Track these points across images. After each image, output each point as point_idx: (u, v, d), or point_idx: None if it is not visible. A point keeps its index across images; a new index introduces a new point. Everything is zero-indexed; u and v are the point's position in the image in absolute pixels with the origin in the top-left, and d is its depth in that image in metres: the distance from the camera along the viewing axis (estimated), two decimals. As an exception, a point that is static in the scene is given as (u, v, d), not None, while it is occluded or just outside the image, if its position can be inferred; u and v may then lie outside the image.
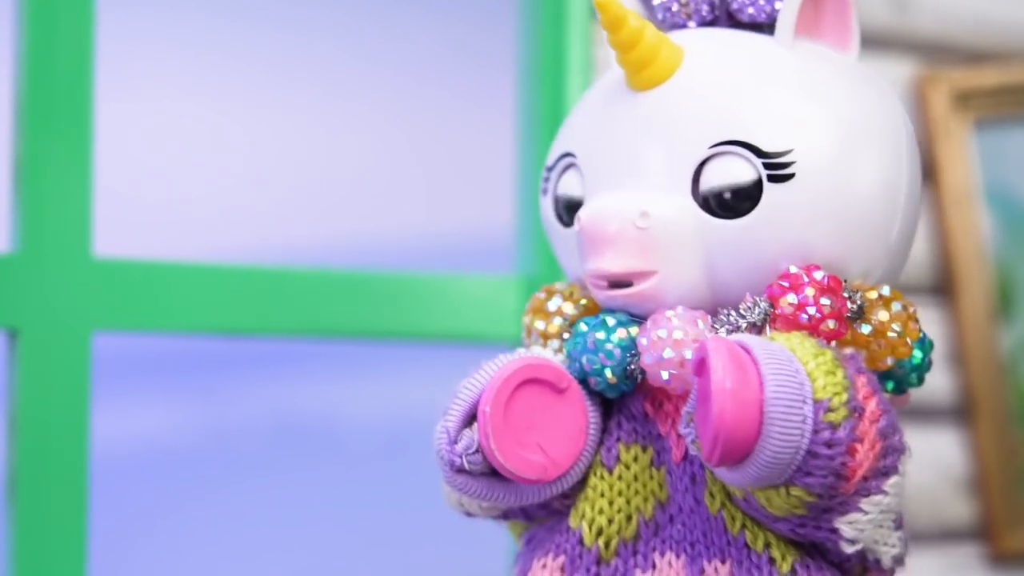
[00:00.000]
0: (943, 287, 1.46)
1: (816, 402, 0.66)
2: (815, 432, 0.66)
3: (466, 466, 0.71)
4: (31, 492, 1.07)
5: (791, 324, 0.70)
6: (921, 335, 0.73)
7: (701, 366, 0.66)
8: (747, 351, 0.67)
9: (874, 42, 1.43)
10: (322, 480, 1.28)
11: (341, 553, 1.29)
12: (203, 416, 1.26)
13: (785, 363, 0.66)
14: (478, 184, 1.34)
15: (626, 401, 0.74)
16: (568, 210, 0.75)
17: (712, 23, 0.77)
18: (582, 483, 0.74)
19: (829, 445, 0.66)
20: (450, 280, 1.24)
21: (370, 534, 1.29)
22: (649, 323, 0.71)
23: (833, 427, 0.66)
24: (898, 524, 0.71)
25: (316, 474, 1.28)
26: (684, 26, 0.77)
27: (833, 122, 0.71)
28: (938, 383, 1.44)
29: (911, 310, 0.72)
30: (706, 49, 0.73)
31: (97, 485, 1.11)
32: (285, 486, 1.27)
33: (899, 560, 0.72)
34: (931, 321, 1.44)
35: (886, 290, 0.72)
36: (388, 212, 1.32)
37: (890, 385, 0.73)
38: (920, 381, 0.74)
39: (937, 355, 1.44)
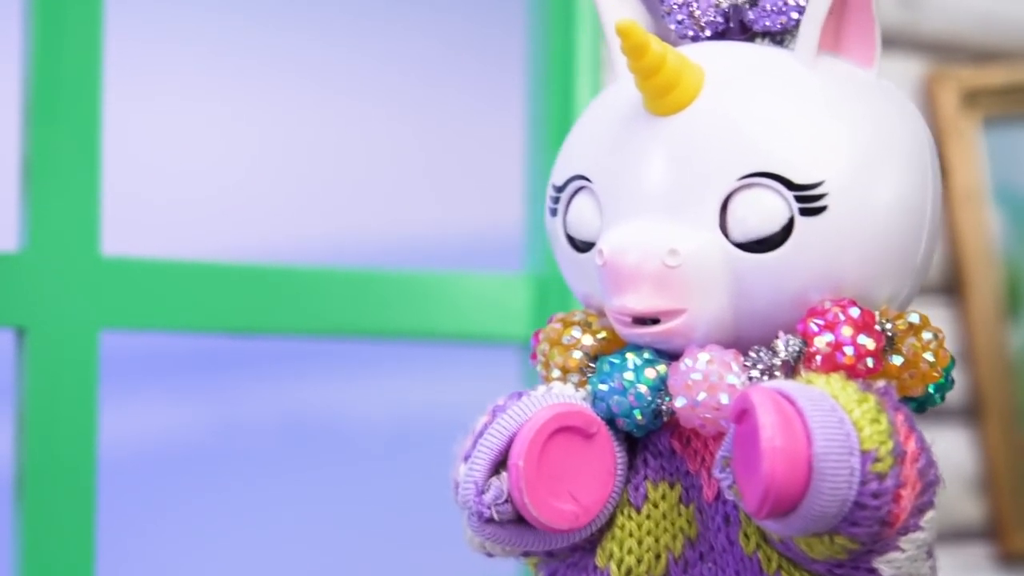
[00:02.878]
0: (952, 286, 1.46)
1: (863, 453, 0.65)
2: (862, 484, 0.65)
3: (495, 517, 0.70)
4: (39, 491, 1.08)
5: (828, 364, 0.68)
6: (951, 360, 0.72)
7: (742, 415, 0.65)
8: (791, 402, 0.65)
9: (882, 41, 1.43)
10: (328, 479, 1.28)
11: (347, 551, 1.29)
12: (209, 414, 1.25)
13: (829, 412, 0.65)
14: (487, 182, 1.33)
15: (652, 438, 0.72)
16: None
17: (724, 33, 0.75)
18: (609, 522, 0.72)
19: (876, 496, 0.65)
20: (458, 279, 1.24)
21: (376, 533, 1.29)
22: (681, 365, 0.69)
23: (880, 478, 0.65)
24: (930, 553, 0.71)
25: (322, 473, 1.28)
26: (697, 38, 0.75)
27: (861, 148, 0.70)
28: (947, 382, 1.44)
29: (940, 336, 0.71)
30: (727, 70, 0.71)
31: (104, 483, 1.11)
32: (291, 484, 1.27)
33: None
34: (940, 320, 1.41)
35: (915, 317, 0.71)
36: (396, 210, 1.32)
37: (912, 405, 0.72)
38: (942, 399, 0.73)
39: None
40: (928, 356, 0.70)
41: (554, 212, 0.75)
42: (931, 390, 0.72)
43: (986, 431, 1.45)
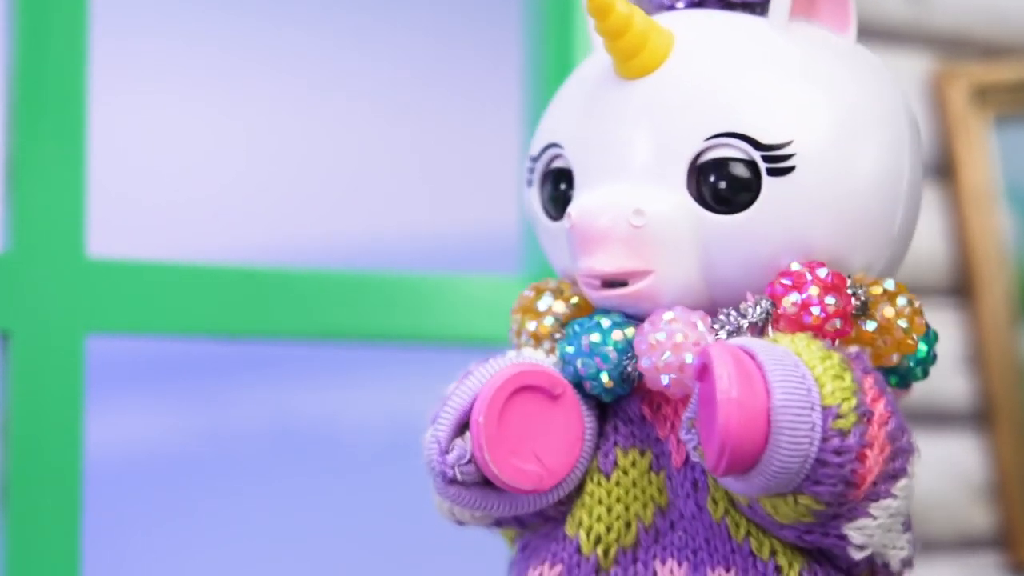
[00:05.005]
0: (961, 288, 1.45)
1: (824, 409, 0.65)
2: (824, 440, 0.65)
3: (458, 477, 0.70)
4: (23, 499, 1.07)
5: (795, 324, 0.69)
6: (927, 329, 0.73)
7: (703, 372, 0.66)
8: (751, 356, 0.66)
9: (890, 36, 1.43)
10: (322, 487, 1.28)
11: (341, 561, 1.29)
12: (199, 421, 1.25)
13: (791, 368, 0.66)
14: (483, 183, 1.34)
15: (622, 404, 0.73)
16: (554, 203, 0.75)
17: (700, 3, 0.76)
18: (578, 489, 0.73)
19: (838, 453, 0.66)
20: (454, 281, 1.24)
21: (371, 542, 1.29)
22: (646, 325, 0.70)
23: (843, 434, 0.66)
24: (907, 526, 0.71)
25: (315, 481, 1.28)
26: (672, 7, 0.76)
27: (833, 110, 0.71)
28: (956, 387, 1.44)
29: (916, 304, 0.72)
30: (697, 34, 0.73)
31: (90, 491, 1.10)
32: (284, 493, 1.27)
33: (908, 563, 0.72)
34: (949, 323, 1.44)
35: (890, 284, 0.72)
36: (390, 212, 1.32)
37: (893, 380, 0.73)
38: (925, 374, 0.73)
39: (955, 358, 1.44)
40: (902, 323, 0.71)
41: (530, 183, 0.76)
42: (911, 363, 0.73)
43: (996, 437, 1.44)
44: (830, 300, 0.69)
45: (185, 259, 1.17)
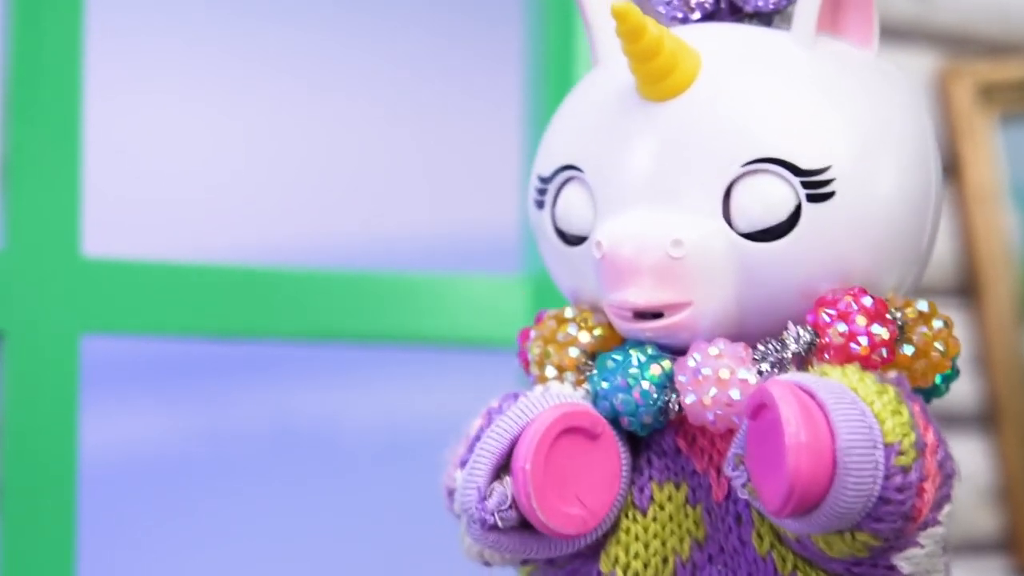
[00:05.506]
0: (967, 289, 1.45)
1: (887, 446, 0.64)
2: (887, 478, 0.64)
3: (498, 523, 0.69)
4: (18, 501, 1.07)
5: (841, 355, 0.68)
6: (959, 348, 0.72)
7: (760, 409, 0.64)
8: (811, 395, 0.65)
9: (895, 34, 1.43)
10: (320, 489, 1.28)
11: (340, 564, 1.28)
12: (196, 422, 1.25)
13: (851, 405, 0.65)
14: (483, 182, 1.33)
15: (655, 437, 0.72)
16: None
17: (713, 15, 0.75)
18: (613, 525, 0.72)
19: (901, 490, 0.65)
20: (454, 281, 1.23)
21: (370, 545, 1.29)
22: (689, 360, 0.69)
23: (904, 471, 0.65)
24: (945, 549, 0.71)
25: (314, 483, 1.28)
26: (686, 20, 0.75)
27: (866, 131, 0.70)
28: (961, 389, 1.44)
29: (950, 324, 0.71)
30: (724, 53, 0.71)
31: (86, 494, 1.10)
32: (282, 495, 1.26)
33: None
34: (954, 324, 1.43)
35: (924, 305, 0.71)
36: (390, 211, 1.32)
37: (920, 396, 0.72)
38: (948, 389, 0.73)
39: (961, 360, 1.43)
40: (939, 345, 0.70)
41: (540, 204, 0.74)
42: (938, 380, 0.72)
43: (1002, 439, 1.44)
44: (876, 329, 0.68)
45: (182, 258, 1.17)
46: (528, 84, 1.29)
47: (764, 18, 0.74)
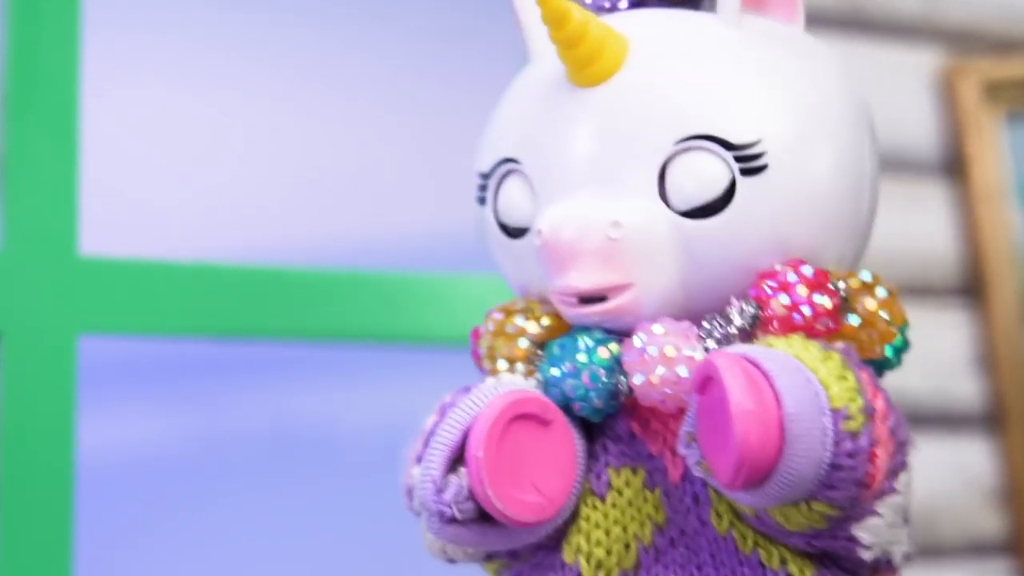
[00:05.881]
0: (972, 288, 1.45)
1: (834, 411, 0.65)
2: (836, 444, 0.64)
3: (457, 515, 0.68)
4: (14, 503, 1.07)
5: (785, 326, 0.68)
6: (905, 320, 0.72)
7: (706, 383, 0.64)
8: (755, 364, 0.65)
9: (899, 31, 1.43)
10: (319, 491, 1.28)
11: (339, 566, 1.28)
12: (194, 424, 1.25)
13: (796, 372, 0.65)
14: (475, 183, 1.33)
15: (609, 422, 0.72)
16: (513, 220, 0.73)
17: (641, 3, 0.75)
18: (573, 514, 0.72)
19: (851, 455, 0.65)
20: (452, 281, 1.24)
21: (369, 547, 1.29)
22: (636, 340, 0.69)
23: (853, 436, 0.65)
24: (906, 520, 0.70)
25: (313, 485, 1.28)
26: (614, 8, 0.75)
27: (795, 103, 0.70)
28: (966, 389, 1.44)
29: (894, 293, 0.71)
30: (650, 36, 0.72)
31: (83, 496, 1.11)
32: (280, 497, 1.26)
33: (908, 557, 0.71)
34: (959, 324, 1.44)
35: (867, 275, 0.71)
36: (388, 210, 1.32)
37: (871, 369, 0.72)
38: (900, 361, 0.72)
39: (966, 359, 1.44)
40: (884, 314, 0.70)
41: (482, 200, 0.75)
42: (888, 353, 0.72)
43: (1008, 440, 1.44)
44: (818, 299, 0.69)
45: (180, 258, 1.17)
46: (529, 81, 1.29)
47: (692, 4, 0.75)
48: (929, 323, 1.42)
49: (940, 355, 1.43)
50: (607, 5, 0.75)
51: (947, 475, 1.42)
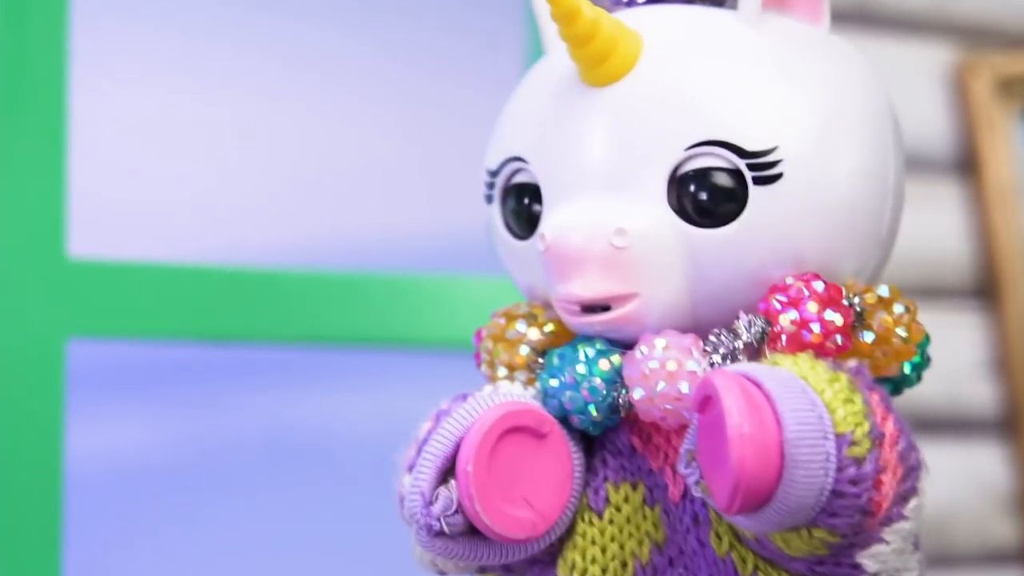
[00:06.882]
0: (985, 289, 1.45)
1: (838, 436, 0.63)
2: (839, 470, 0.63)
3: (445, 529, 0.68)
4: (1, 510, 1.07)
5: (794, 343, 0.67)
6: (926, 336, 0.71)
7: (706, 403, 0.63)
8: (757, 385, 0.63)
9: (911, 26, 1.43)
10: (315, 499, 1.28)
11: (333, 573, 1.28)
12: (186, 430, 1.25)
13: (799, 395, 0.63)
14: (482, 182, 1.34)
15: (609, 436, 0.71)
16: (518, 219, 0.72)
17: None
18: (569, 529, 0.71)
19: (855, 482, 0.63)
20: (452, 282, 1.23)
21: (366, 556, 1.29)
22: (637, 353, 0.68)
23: (858, 462, 0.63)
24: (916, 546, 0.69)
25: (308, 492, 1.27)
26: (632, 3, 0.73)
27: (816, 110, 0.69)
28: (980, 393, 1.44)
29: (913, 309, 0.70)
30: (666, 35, 0.70)
31: (72, 503, 1.10)
32: (275, 505, 1.26)
33: None
34: (972, 326, 1.44)
35: (884, 290, 0.70)
36: (386, 210, 1.31)
37: (888, 387, 0.71)
38: (919, 379, 0.72)
39: (979, 363, 1.44)
40: (900, 331, 0.69)
41: (489, 199, 0.74)
42: (907, 370, 0.71)
43: (1022, 445, 1.44)
44: (830, 315, 0.67)
45: (171, 260, 1.17)
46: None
47: (716, 1, 0.73)
48: (941, 325, 1.42)
49: (952, 358, 1.43)
50: (625, 0, 0.74)
51: (960, 481, 1.42)
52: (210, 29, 1.25)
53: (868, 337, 0.69)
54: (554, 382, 0.69)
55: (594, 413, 0.69)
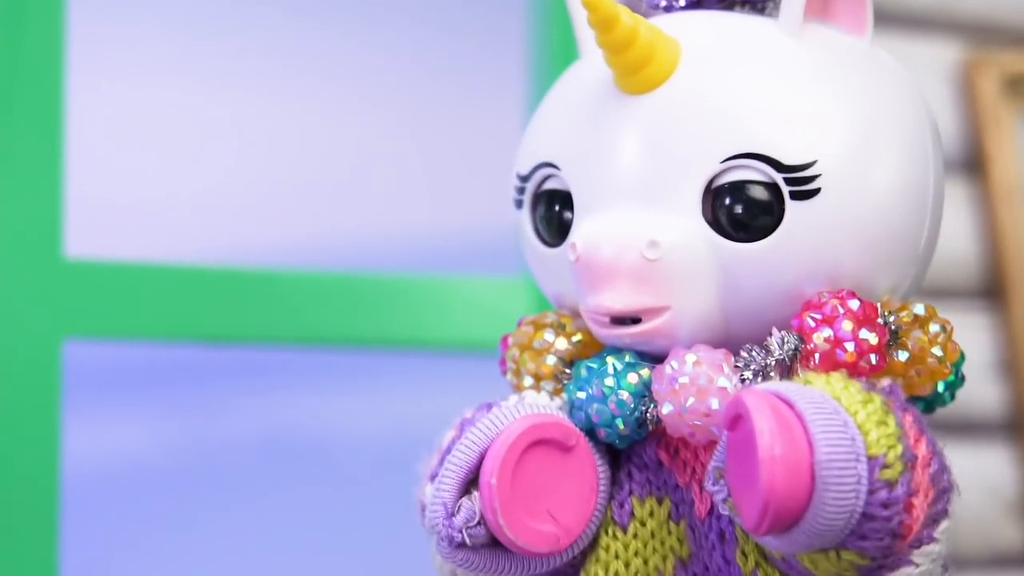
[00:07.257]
0: (992, 290, 1.45)
1: (870, 459, 0.63)
2: (870, 493, 0.63)
3: (467, 541, 0.68)
4: (-3, 514, 1.07)
5: (827, 362, 0.67)
6: (961, 355, 0.70)
7: (736, 421, 0.63)
8: (789, 405, 0.63)
9: (915, 23, 1.43)
10: (315, 502, 1.27)
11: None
12: (184, 431, 1.25)
13: (831, 416, 0.63)
14: (483, 180, 1.33)
15: (636, 449, 0.71)
16: (548, 225, 0.72)
17: (699, 3, 0.73)
18: (592, 543, 0.71)
19: (886, 506, 0.63)
20: (453, 283, 1.23)
21: (366, 558, 1.29)
22: (667, 368, 0.67)
23: (890, 485, 0.63)
24: (945, 568, 0.69)
25: (308, 494, 1.27)
26: (671, 8, 0.73)
27: (857, 124, 0.68)
28: (987, 395, 1.43)
29: (949, 329, 0.69)
30: (705, 42, 0.70)
31: (69, 506, 1.10)
32: (274, 508, 1.26)
33: None
34: (979, 327, 1.43)
35: (920, 309, 0.69)
36: (387, 210, 1.31)
37: (920, 405, 0.70)
38: (953, 398, 0.71)
39: (986, 364, 1.44)
40: (936, 351, 0.69)
41: (519, 204, 0.74)
42: (940, 388, 0.71)
43: (1030, 448, 1.44)
44: (864, 334, 0.67)
45: (169, 260, 1.17)
46: (531, 82, 1.28)
47: (755, 6, 0.73)
48: (948, 326, 1.42)
49: (959, 360, 1.43)
50: (663, 4, 0.73)
51: (967, 484, 1.39)
52: (208, 28, 1.25)
53: (902, 356, 0.68)
54: (581, 394, 0.69)
55: (621, 427, 0.69)
